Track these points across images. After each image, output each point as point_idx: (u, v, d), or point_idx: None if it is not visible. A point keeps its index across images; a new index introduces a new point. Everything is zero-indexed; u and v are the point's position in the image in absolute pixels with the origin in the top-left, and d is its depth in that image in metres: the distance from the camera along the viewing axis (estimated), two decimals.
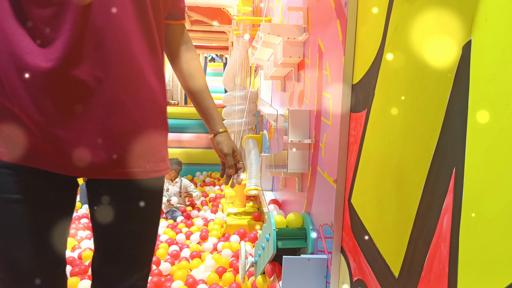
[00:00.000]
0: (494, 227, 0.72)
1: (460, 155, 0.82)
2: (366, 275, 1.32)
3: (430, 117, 0.95)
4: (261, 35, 2.45)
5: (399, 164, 1.12)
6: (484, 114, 0.75)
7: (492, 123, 0.73)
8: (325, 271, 1.75)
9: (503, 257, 0.69)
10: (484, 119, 0.75)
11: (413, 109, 1.04)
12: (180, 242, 3.98)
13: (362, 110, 1.42)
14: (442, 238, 0.88)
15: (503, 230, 0.69)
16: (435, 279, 0.90)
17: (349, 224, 1.52)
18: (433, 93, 0.94)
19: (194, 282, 2.94)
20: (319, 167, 1.94)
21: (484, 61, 0.77)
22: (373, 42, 1.33)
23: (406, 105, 1.08)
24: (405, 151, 1.08)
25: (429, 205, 0.94)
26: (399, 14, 1.15)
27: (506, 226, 0.68)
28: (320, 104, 1.95)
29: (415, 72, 1.04)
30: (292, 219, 2.11)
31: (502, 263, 0.69)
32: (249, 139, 4.29)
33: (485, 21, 0.77)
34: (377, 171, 1.27)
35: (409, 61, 1.08)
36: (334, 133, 1.68)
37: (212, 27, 7.84)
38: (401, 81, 1.12)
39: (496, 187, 0.71)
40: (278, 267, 2.07)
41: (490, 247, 0.72)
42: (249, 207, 4.62)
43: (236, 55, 4.19)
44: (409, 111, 1.06)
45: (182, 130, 8.28)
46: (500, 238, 0.70)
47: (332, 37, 1.75)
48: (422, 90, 1.00)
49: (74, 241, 3.90)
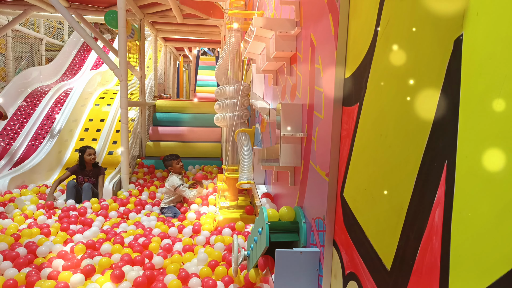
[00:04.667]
0: (485, 220, 0.72)
1: (451, 149, 0.83)
2: (359, 268, 1.33)
3: (422, 111, 0.96)
4: (253, 29, 2.44)
5: (391, 157, 1.12)
6: (475, 107, 0.76)
7: (483, 116, 0.74)
8: (318, 264, 1.76)
9: (495, 249, 0.69)
10: (475, 113, 0.76)
11: (405, 103, 1.04)
12: (172, 236, 3.98)
13: (354, 104, 1.42)
14: (434, 231, 0.89)
15: (494, 223, 0.70)
16: (427, 272, 0.91)
17: (341, 217, 1.53)
18: (425, 86, 0.95)
19: (186, 276, 2.94)
20: (311, 160, 1.95)
21: (475, 55, 0.77)
22: (365, 36, 1.33)
23: (398, 98, 1.09)
24: (397, 145, 1.09)
25: (421, 199, 0.95)
26: (391, 9, 1.15)
27: (497, 219, 0.69)
28: (313, 98, 1.95)
29: (407, 66, 1.04)
30: (285, 212, 2.12)
31: (493, 255, 0.70)
32: (242, 132, 4.29)
33: (476, 16, 0.77)
34: (369, 164, 1.28)
35: (401, 55, 1.08)
36: (326, 127, 1.68)
37: (204, 21, 7.80)
38: (393, 75, 1.12)
39: (488, 180, 0.72)
40: (271, 260, 2.07)
41: (482, 240, 0.73)
42: (241, 201, 4.63)
43: (228, 49, 4.17)
44: (401, 105, 1.07)
45: (174, 124, 8.26)
46: (491, 231, 0.71)
47: (324, 31, 1.75)
48: (414, 84, 1.00)
49: (66, 235, 3.88)
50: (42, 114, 7.88)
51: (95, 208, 4.76)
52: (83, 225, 4.24)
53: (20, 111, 7.86)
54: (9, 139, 7.18)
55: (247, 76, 4.75)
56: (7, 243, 3.49)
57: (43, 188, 5.59)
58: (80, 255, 3.40)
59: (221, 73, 4.50)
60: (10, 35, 9.77)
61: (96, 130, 7.72)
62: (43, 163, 6.44)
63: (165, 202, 4.94)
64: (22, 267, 3.12)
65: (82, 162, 5.30)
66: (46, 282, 2.79)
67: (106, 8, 7.33)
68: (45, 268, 3.05)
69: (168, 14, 7.59)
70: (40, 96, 8.39)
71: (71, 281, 2.84)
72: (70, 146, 7.29)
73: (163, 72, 11.43)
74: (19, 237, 3.72)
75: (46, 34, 12.07)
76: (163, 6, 7.06)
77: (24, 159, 6.73)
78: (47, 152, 6.66)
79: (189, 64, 16.90)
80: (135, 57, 9.45)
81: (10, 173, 5.76)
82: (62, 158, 6.98)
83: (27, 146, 7.16)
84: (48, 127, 7.55)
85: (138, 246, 3.54)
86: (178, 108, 8.52)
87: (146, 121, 7.94)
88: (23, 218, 4.30)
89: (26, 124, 7.54)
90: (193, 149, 7.74)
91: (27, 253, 3.36)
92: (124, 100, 5.43)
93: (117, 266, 3.05)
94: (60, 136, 7.14)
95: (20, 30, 10.38)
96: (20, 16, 7.49)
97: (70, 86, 9.27)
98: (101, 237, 3.86)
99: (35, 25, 11.79)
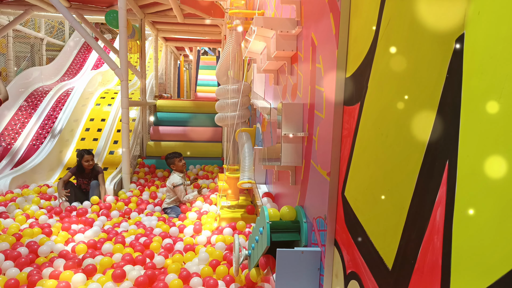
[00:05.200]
0: (487, 219, 0.72)
1: (453, 148, 0.83)
2: (360, 268, 1.33)
3: (423, 110, 0.96)
4: (254, 28, 2.44)
5: (392, 157, 1.12)
6: (477, 107, 0.76)
7: (485, 116, 0.74)
8: (319, 264, 1.76)
9: (496, 249, 0.69)
10: (477, 112, 0.76)
11: (406, 102, 1.04)
12: (173, 235, 3.98)
13: (356, 103, 1.42)
14: (435, 230, 0.88)
15: (496, 222, 0.70)
16: (428, 271, 0.91)
17: (342, 216, 1.53)
18: (426, 86, 0.95)
19: (188, 275, 2.94)
20: (312, 160, 1.94)
21: (476, 54, 0.77)
22: (366, 35, 1.33)
23: (399, 98, 1.09)
24: (398, 144, 1.09)
25: (422, 198, 0.95)
26: (392, 8, 1.15)
27: (499, 218, 0.69)
28: (314, 97, 1.95)
29: (408, 65, 1.04)
30: (286, 212, 2.12)
31: (495, 255, 0.70)
32: (242, 132, 4.29)
33: (478, 15, 0.77)
34: (370, 164, 1.28)
35: (402, 54, 1.08)
36: (327, 126, 1.68)
37: (205, 21, 7.80)
38: (394, 74, 1.12)
39: (489, 179, 0.72)
40: (272, 260, 2.07)
41: (483, 239, 0.73)
42: (242, 201, 4.63)
43: (229, 48, 4.17)
44: (403, 104, 1.07)
45: (175, 123, 8.26)
46: (493, 230, 0.70)
47: (325, 30, 1.74)
48: (415, 83, 1.00)
49: (68, 234, 3.89)
50: (43, 114, 7.89)
51: (94, 208, 4.76)
52: (84, 225, 4.24)
53: (21, 111, 7.87)
54: (10, 139, 7.19)
55: (248, 76, 4.75)
56: (9, 242, 3.50)
57: (44, 188, 5.59)
58: (82, 254, 3.40)
59: (222, 73, 4.49)
60: (11, 35, 9.77)
61: (97, 130, 7.72)
62: (44, 163, 6.45)
63: (167, 203, 4.94)
64: (23, 266, 3.12)
65: (80, 166, 5.25)
66: (47, 282, 2.80)
67: (107, 8, 7.34)
68: (46, 267, 3.06)
69: (168, 13, 7.59)
70: (41, 96, 8.40)
71: (73, 280, 2.84)
72: (71, 146, 7.29)
73: (163, 71, 11.43)
74: (21, 236, 3.72)
75: (47, 34, 12.07)
76: (163, 5, 7.07)
77: (25, 159, 6.74)
78: (48, 152, 6.67)
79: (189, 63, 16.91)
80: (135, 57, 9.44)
81: (11, 173, 5.77)
82: (63, 158, 6.98)
83: (28, 146, 7.16)
84: (49, 127, 7.56)
85: (139, 245, 3.55)
86: (179, 107, 8.52)
87: (147, 120, 7.95)
88: (25, 218, 4.31)
89: (27, 124, 7.55)
90: (194, 149, 7.74)
91: (28, 252, 3.37)
92: (125, 99, 5.43)
93: (118, 266, 3.05)
94: (61, 136, 7.15)
95: (21, 30, 10.39)
96: (20, 16, 7.49)
97: (71, 86, 9.27)
98: (103, 237, 3.86)
99: (36, 25, 11.79)
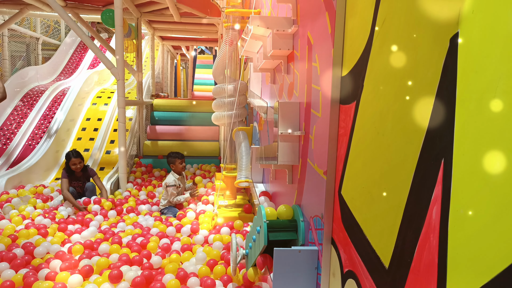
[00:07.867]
0: (482, 217, 0.72)
1: (448, 147, 0.83)
2: (357, 266, 1.33)
3: (418, 109, 0.96)
4: (250, 27, 2.44)
5: (388, 155, 1.12)
6: (472, 105, 0.76)
7: (479, 114, 0.74)
8: (316, 263, 1.76)
9: (492, 247, 0.69)
10: (472, 110, 0.76)
11: (402, 101, 1.04)
12: (170, 235, 3.97)
13: (352, 102, 1.42)
14: (432, 229, 0.89)
15: (491, 221, 0.70)
16: (425, 269, 0.91)
17: (339, 215, 1.53)
18: (421, 84, 0.95)
19: (185, 275, 2.94)
20: (309, 159, 1.94)
21: (471, 53, 0.77)
22: (362, 34, 1.33)
23: (395, 97, 1.09)
24: (394, 142, 1.09)
25: (418, 197, 0.95)
26: (388, 7, 1.15)
27: (495, 217, 0.69)
28: (310, 96, 1.95)
29: (404, 64, 1.04)
30: (283, 211, 2.12)
31: (491, 253, 0.70)
32: (239, 131, 4.28)
33: (472, 13, 0.77)
34: (366, 162, 1.28)
35: (397, 53, 1.08)
36: (323, 125, 1.68)
37: (201, 20, 7.79)
38: (390, 73, 1.12)
39: (485, 178, 0.72)
40: (269, 259, 2.08)
41: (479, 237, 0.73)
42: (239, 199, 4.63)
43: (225, 47, 4.17)
44: (398, 103, 1.07)
45: (172, 122, 8.25)
46: (488, 229, 0.71)
47: (321, 29, 1.74)
48: (410, 82, 1.00)
49: (64, 235, 3.88)
50: (39, 114, 7.86)
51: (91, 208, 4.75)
52: (81, 225, 4.23)
53: (17, 110, 7.84)
54: (6, 139, 7.16)
55: (245, 75, 4.75)
56: (4, 244, 3.48)
57: (41, 188, 5.57)
58: (78, 255, 3.39)
59: (219, 72, 4.49)
60: (6, 35, 9.73)
61: (93, 130, 7.71)
62: (40, 163, 6.43)
63: (163, 204, 4.91)
64: (19, 268, 3.11)
65: (68, 168, 5.08)
66: (43, 283, 2.78)
67: (103, 7, 7.32)
68: (42, 269, 3.05)
69: (165, 12, 7.58)
70: (37, 95, 8.37)
71: (69, 282, 2.84)
72: (67, 146, 7.27)
73: (160, 70, 11.41)
74: (16, 238, 3.71)
75: (43, 33, 12.03)
76: (160, 4, 7.05)
77: (21, 159, 6.71)
78: (44, 152, 6.65)
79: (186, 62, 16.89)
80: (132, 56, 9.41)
81: (7, 173, 5.75)
82: (60, 158, 6.96)
83: (24, 146, 7.14)
84: (45, 127, 7.53)
85: (136, 246, 3.54)
86: (176, 107, 8.51)
87: (144, 120, 7.93)
88: (21, 219, 4.29)
89: (23, 124, 7.52)
90: (191, 148, 7.73)
91: (24, 254, 3.35)
92: (121, 99, 5.42)
93: (115, 266, 3.04)
94: (57, 135, 7.13)
95: (16, 30, 10.34)
96: (16, 15, 7.46)
97: (67, 85, 9.25)
98: (99, 237, 3.86)
99: (32, 24, 11.74)
